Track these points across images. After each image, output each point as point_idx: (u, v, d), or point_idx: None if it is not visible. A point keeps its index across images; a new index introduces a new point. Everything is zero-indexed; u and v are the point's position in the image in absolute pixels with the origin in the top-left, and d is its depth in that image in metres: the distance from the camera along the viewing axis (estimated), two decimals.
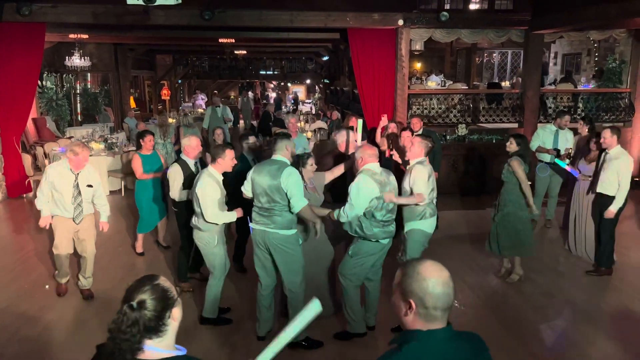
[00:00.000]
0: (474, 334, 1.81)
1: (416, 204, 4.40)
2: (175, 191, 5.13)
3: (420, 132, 7.06)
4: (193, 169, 5.19)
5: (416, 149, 4.58)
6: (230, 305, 4.95)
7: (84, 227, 5.04)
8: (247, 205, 4.43)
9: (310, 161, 4.51)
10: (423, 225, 4.49)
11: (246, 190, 4.22)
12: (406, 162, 4.85)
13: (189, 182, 4.94)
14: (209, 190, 4.26)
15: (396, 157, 5.74)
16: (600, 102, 10.15)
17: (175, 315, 1.73)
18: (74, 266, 5.55)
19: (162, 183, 6.18)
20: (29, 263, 6.21)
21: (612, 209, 5.52)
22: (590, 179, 5.96)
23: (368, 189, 3.96)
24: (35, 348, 4.24)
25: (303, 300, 4.14)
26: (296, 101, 26.55)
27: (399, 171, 5.17)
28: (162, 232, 6.64)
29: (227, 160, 4.38)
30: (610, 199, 5.55)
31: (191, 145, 5.22)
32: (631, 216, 8.04)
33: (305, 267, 4.21)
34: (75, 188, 4.88)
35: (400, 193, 4.40)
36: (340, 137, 5.46)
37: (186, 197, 5.04)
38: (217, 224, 4.36)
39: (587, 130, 6.88)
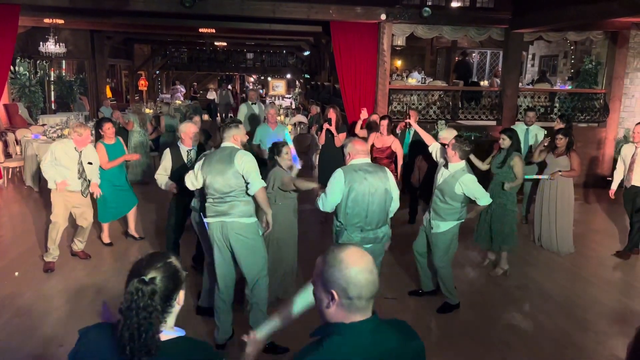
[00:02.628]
0: (401, 322, 1.68)
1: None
2: (158, 174, 5.08)
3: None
4: (185, 157, 5.14)
5: (449, 154, 4.50)
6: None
7: (84, 202, 5.50)
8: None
9: (286, 149, 4.44)
10: (460, 222, 4.62)
11: (192, 183, 4.01)
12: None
13: (178, 170, 4.94)
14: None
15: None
16: (576, 103, 10.33)
17: (181, 298, 1.67)
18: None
19: (126, 172, 6.30)
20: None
21: None
22: (559, 173, 6.14)
23: (339, 183, 3.75)
24: (2, 335, 4.10)
25: (267, 299, 3.93)
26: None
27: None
28: (133, 223, 6.39)
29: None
30: None
31: (185, 132, 5.17)
32: (601, 214, 8.21)
33: (272, 252, 4.09)
34: (80, 165, 5.36)
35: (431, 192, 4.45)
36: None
37: (165, 186, 5.00)
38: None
39: (563, 127, 7.01)
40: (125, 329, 1.53)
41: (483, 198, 4.49)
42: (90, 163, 5.45)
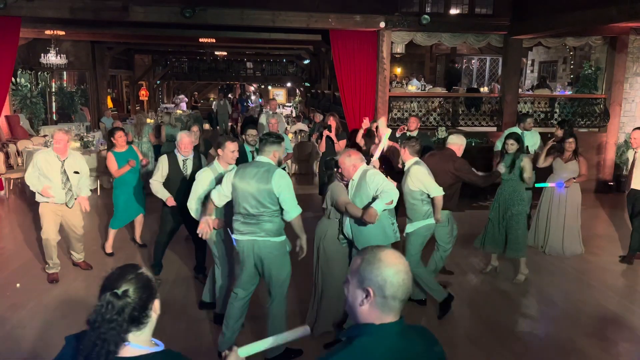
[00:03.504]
0: (424, 328, 1.74)
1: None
2: (153, 181, 5.17)
3: (415, 132, 7.11)
4: (181, 164, 5.19)
5: (402, 153, 4.75)
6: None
7: (72, 211, 5.33)
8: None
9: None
10: (428, 222, 4.64)
11: (218, 199, 3.89)
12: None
13: (175, 178, 5.13)
14: (201, 177, 4.32)
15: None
16: (576, 108, 10.35)
17: (156, 307, 1.67)
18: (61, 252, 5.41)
19: (140, 178, 6.20)
20: (0, 261, 6.00)
21: None
22: (573, 181, 6.16)
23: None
24: (3, 347, 4.08)
25: (285, 313, 3.94)
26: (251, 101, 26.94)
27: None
28: (139, 229, 6.48)
29: (227, 152, 4.33)
30: None
31: (182, 141, 5.17)
32: (604, 219, 8.19)
33: (322, 269, 4.09)
34: (63, 174, 5.13)
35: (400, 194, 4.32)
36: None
37: (161, 194, 5.15)
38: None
39: (561, 133, 7.05)
40: (87, 340, 1.55)
41: (433, 190, 4.56)
42: (76, 172, 5.26)
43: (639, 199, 6.02)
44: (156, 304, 1.67)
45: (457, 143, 5.19)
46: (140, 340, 1.62)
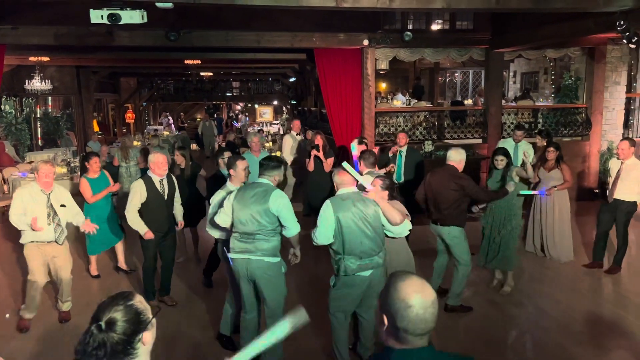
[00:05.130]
0: (463, 357, 1.67)
1: None
2: (129, 210, 4.94)
3: (404, 149, 7.16)
4: (158, 186, 5.06)
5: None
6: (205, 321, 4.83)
7: (61, 252, 4.88)
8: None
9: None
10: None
11: (223, 220, 3.99)
12: None
13: (155, 200, 5.01)
14: (216, 200, 4.28)
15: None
16: (559, 118, 10.52)
17: (147, 339, 1.63)
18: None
19: (114, 204, 6.27)
20: None
21: None
22: (555, 189, 6.26)
23: (329, 214, 3.72)
24: None
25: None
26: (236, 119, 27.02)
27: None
28: (121, 256, 6.40)
29: (239, 171, 4.31)
30: (626, 204, 5.99)
31: (156, 161, 5.03)
32: (592, 227, 8.26)
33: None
34: (50, 208, 4.74)
35: None
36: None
37: (139, 227, 4.96)
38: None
39: (545, 143, 7.18)
40: None
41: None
42: (63, 206, 4.83)
43: (622, 209, 6.06)
44: (146, 336, 1.62)
45: (456, 159, 5.07)
46: None
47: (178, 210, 5.44)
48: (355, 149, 6.31)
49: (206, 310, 5.25)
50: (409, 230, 4.04)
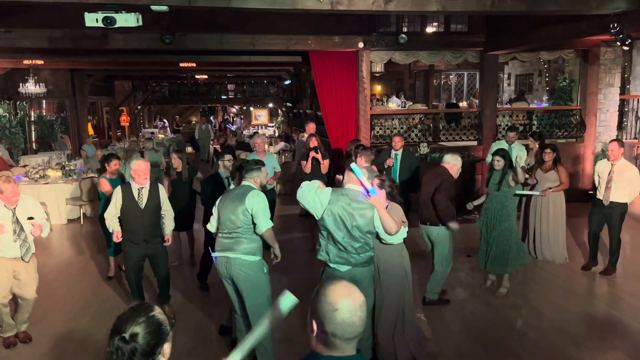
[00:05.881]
0: None
1: None
2: (107, 214, 4.91)
3: (400, 151, 7.15)
4: (135, 194, 4.86)
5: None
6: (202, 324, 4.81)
7: (27, 268, 4.52)
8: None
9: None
10: None
11: (212, 225, 4.16)
12: None
13: (130, 210, 4.83)
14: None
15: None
16: (553, 120, 10.57)
17: (166, 351, 1.64)
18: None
19: None
20: None
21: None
22: (550, 190, 6.30)
23: (324, 194, 3.66)
24: None
25: (270, 340, 3.91)
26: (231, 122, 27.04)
27: None
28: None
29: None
30: (620, 205, 6.01)
31: (138, 169, 4.84)
32: (586, 227, 8.30)
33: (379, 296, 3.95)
34: (16, 223, 4.41)
35: None
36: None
37: (112, 227, 4.86)
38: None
39: (537, 145, 7.23)
40: None
41: None
42: (31, 218, 4.50)
43: (615, 211, 6.07)
44: (166, 348, 1.64)
45: (450, 162, 5.19)
46: None
47: (168, 222, 5.11)
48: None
49: (203, 314, 5.23)
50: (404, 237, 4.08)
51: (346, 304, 1.51)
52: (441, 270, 5.22)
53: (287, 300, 1.91)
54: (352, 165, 3.73)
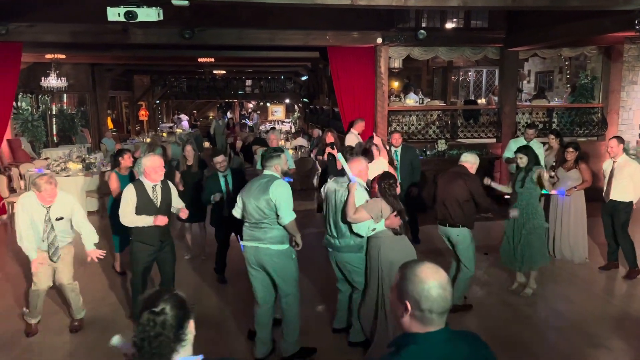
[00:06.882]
0: (472, 333, 1.83)
1: None
2: (124, 215, 4.47)
3: (399, 148, 7.15)
4: (150, 192, 4.52)
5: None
6: (219, 318, 4.86)
7: (62, 257, 4.63)
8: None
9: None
10: None
11: (237, 212, 4.25)
12: None
13: (145, 209, 4.47)
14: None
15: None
16: (574, 117, 10.42)
17: (192, 327, 1.74)
18: (56, 298, 5.40)
19: None
20: (4, 286, 6.01)
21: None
22: (575, 189, 6.25)
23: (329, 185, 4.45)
24: None
25: (298, 315, 4.17)
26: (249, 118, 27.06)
27: None
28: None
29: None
30: (622, 204, 5.91)
31: (152, 166, 4.46)
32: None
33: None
34: (47, 222, 4.44)
35: None
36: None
37: (143, 224, 4.49)
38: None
39: (558, 142, 7.15)
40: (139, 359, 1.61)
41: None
42: (60, 218, 4.51)
43: (619, 210, 5.98)
44: (191, 324, 1.73)
45: (469, 161, 5.12)
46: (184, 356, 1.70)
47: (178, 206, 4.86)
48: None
49: (217, 307, 5.28)
50: (370, 232, 4.22)
51: (437, 280, 1.64)
52: (469, 271, 5.09)
53: None
54: (339, 154, 4.58)
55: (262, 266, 4.08)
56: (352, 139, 8.93)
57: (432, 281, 1.63)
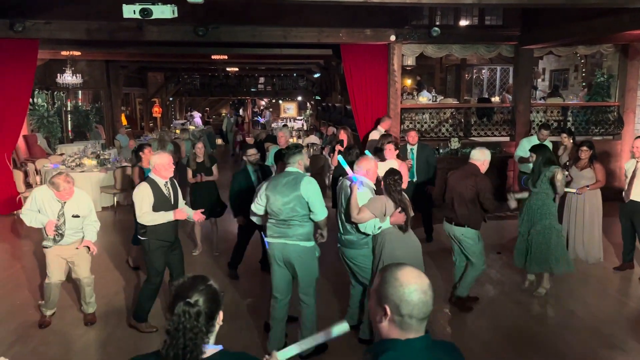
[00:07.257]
0: (450, 344, 1.76)
1: None
2: (144, 214, 4.40)
3: (415, 146, 7.13)
4: (164, 189, 4.50)
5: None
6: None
7: (79, 251, 4.69)
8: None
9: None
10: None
11: (257, 209, 4.19)
12: None
13: (161, 206, 4.44)
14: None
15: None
16: (589, 116, 10.30)
17: (220, 318, 1.79)
18: (72, 293, 5.47)
19: None
20: (20, 279, 6.11)
21: None
22: (587, 188, 6.17)
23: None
24: None
25: (315, 312, 4.22)
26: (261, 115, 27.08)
27: None
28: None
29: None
30: None
31: (162, 163, 4.43)
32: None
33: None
34: (61, 216, 4.51)
35: None
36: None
37: (163, 220, 4.45)
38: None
39: (571, 141, 7.09)
40: (170, 349, 1.64)
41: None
42: (76, 216, 4.57)
43: (638, 211, 5.89)
44: (221, 315, 1.78)
45: (479, 159, 5.00)
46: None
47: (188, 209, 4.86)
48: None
49: (230, 301, 5.32)
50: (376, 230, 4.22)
51: (418, 284, 1.58)
52: (480, 265, 5.07)
53: (340, 328, 2.02)
54: (339, 156, 4.62)
55: (288, 262, 4.10)
56: (376, 136, 8.92)
57: (413, 285, 1.56)
